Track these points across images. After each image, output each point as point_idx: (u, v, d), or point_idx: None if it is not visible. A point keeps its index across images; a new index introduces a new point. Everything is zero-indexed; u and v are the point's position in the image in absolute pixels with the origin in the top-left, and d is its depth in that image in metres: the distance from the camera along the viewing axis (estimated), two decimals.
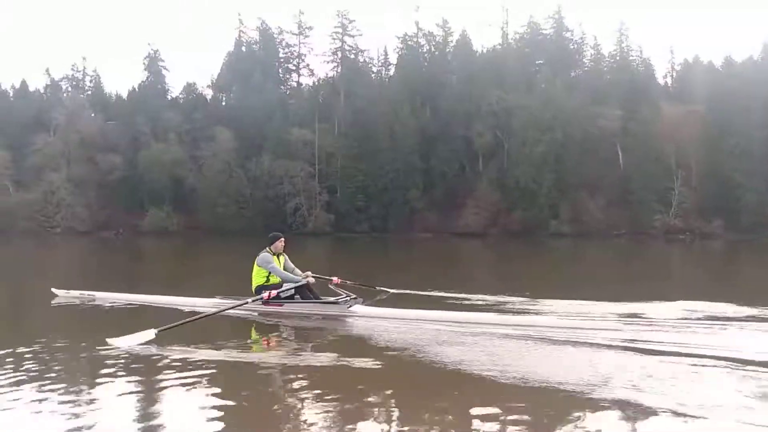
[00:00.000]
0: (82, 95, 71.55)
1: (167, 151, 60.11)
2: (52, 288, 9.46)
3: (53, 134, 62.01)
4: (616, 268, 21.47)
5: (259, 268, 7.85)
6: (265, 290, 7.55)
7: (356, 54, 71.97)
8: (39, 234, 52.93)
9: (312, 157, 59.23)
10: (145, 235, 53.41)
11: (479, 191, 56.42)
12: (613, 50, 67.64)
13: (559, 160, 54.22)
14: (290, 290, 7.67)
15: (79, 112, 64.14)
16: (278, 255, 7.98)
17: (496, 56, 68.36)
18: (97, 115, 67.42)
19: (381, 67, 73.55)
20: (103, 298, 8.86)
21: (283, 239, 8.06)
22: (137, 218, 58.67)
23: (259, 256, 7.85)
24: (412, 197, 57.87)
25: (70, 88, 74.08)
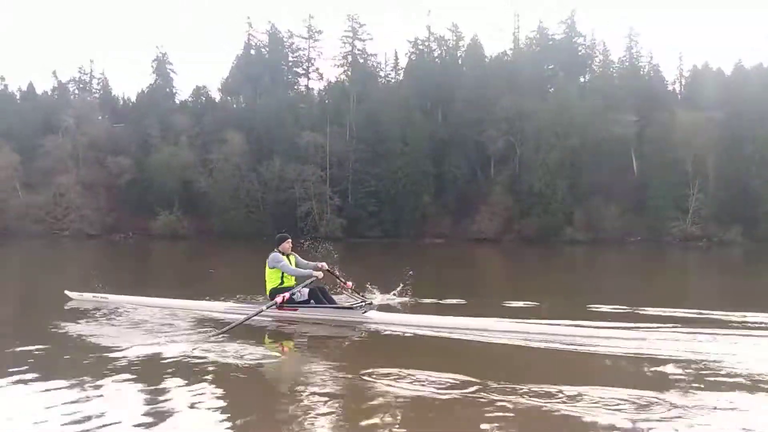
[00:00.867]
0: (90, 98, 71.23)
1: (177, 154, 59.72)
2: (66, 291, 9.38)
3: (62, 137, 61.53)
4: (689, 278, 19.76)
5: (271, 270, 7.74)
6: (279, 294, 7.44)
7: (365, 58, 71.85)
8: (48, 237, 52.47)
9: (323, 162, 58.74)
10: (155, 239, 52.95)
11: (492, 197, 55.88)
12: (622, 56, 67.54)
13: (574, 166, 53.81)
14: (304, 290, 7.54)
15: (87, 114, 63.82)
16: (288, 255, 7.90)
17: (507, 61, 68.16)
18: (106, 117, 67.06)
19: (391, 71, 73.44)
20: (117, 301, 8.80)
21: (290, 240, 7.96)
22: (146, 222, 58.17)
23: (269, 257, 7.77)
24: (424, 202, 57.49)
25: (77, 91, 73.88)
